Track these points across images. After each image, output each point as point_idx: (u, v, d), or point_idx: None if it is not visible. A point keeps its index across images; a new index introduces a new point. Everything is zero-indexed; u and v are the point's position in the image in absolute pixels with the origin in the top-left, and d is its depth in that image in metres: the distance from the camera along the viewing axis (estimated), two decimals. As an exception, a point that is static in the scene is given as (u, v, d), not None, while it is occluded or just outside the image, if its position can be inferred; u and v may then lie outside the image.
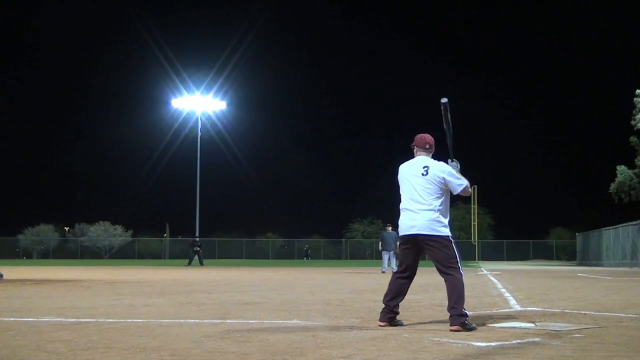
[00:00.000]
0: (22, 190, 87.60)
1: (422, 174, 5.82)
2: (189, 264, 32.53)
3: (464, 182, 5.86)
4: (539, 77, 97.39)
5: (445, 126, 6.16)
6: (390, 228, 22.68)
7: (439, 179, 5.77)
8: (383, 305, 5.86)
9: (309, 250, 61.53)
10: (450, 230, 5.84)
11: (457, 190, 5.82)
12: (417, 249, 5.86)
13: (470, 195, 6.06)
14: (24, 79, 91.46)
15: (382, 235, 23.13)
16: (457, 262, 5.72)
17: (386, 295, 5.88)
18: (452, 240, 5.78)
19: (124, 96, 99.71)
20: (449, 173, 5.82)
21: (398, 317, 5.88)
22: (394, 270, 7.07)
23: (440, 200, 5.76)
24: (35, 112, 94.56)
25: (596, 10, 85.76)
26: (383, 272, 21.51)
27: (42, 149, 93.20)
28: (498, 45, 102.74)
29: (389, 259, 22.14)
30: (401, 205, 5.94)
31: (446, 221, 5.78)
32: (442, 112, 6.13)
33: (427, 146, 5.98)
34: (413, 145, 6.05)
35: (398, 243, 6.11)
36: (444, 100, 6.08)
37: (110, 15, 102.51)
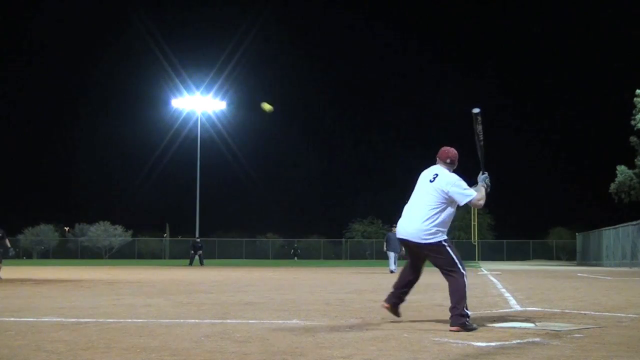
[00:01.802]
0: (22, 190, 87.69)
1: (430, 180, 5.88)
2: (190, 264, 32.71)
3: (472, 195, 5.77)
4: (539, 77, 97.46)
5: (475, 137, 6.11)
6: (395, 229, 22.32)
7: (441, 190, 5.77)
8: (391, 291, 6.13)
9: (299, 250, 61.24)
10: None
11: (463, 202, 5.77)
12: (412, 250, 6.00)
13: (482, 206, 6.04)
14: (23, 78, 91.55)
15: (388, 236, 22.99)
16: (457, 264, 5.70)
17: (396, 283, 6.16)
18: (447, 244, 5.74)
19: (124, 96, 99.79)
20: (454, 184, 5.77)
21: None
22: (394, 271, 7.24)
23: (438, 210, 5.75)
24: (35, 112, 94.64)
25: (596, 10, 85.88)
26: (392, 271, 21.28)
27: (42, 148, 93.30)
28: (497, 45, 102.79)
29: (394, 258, 22.02)
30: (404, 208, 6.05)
31: (438, 229, 5.73)
32: (473, 123, 6.08)
33: (448, 160, 5.99)
34: (436, 157, 6.07)
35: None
36: (476, 110, 6.01)
37: (110, 15, 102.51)
